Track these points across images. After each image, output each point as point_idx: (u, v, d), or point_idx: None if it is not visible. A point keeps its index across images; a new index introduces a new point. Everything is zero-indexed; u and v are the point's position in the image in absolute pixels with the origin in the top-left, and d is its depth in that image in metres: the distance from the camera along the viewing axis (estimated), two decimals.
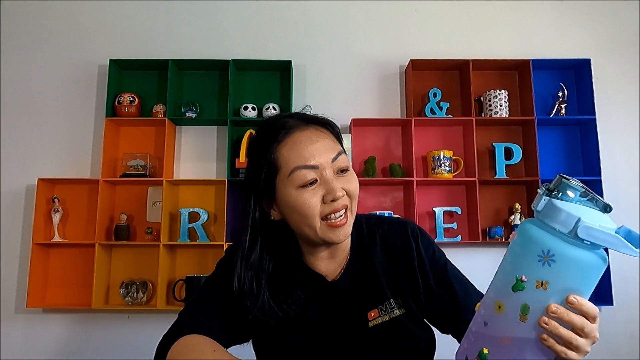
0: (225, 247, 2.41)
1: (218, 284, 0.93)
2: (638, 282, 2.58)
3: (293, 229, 0.89)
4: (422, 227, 1.01)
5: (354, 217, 0.89)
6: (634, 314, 2.55)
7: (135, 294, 2.42)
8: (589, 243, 0.53)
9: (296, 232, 0.90)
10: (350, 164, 0.94)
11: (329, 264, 0.94)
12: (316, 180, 0.83)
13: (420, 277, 0.92)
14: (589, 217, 0.54)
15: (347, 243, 0.95)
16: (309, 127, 0.87)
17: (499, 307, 0.58)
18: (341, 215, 0.84)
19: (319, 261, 0.93)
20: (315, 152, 0.84)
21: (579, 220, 0.53)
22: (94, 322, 2.50)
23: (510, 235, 0.64)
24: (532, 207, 0.58)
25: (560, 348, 0.58)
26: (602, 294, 2.48)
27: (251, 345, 0.97)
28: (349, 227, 0.86)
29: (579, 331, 0.58)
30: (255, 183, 0.88)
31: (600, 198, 0.55)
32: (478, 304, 0.64)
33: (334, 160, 0.85)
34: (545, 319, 0.56)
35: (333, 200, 0.83)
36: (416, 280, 0.91)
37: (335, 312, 0.91)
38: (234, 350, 0.84)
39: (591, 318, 0.58)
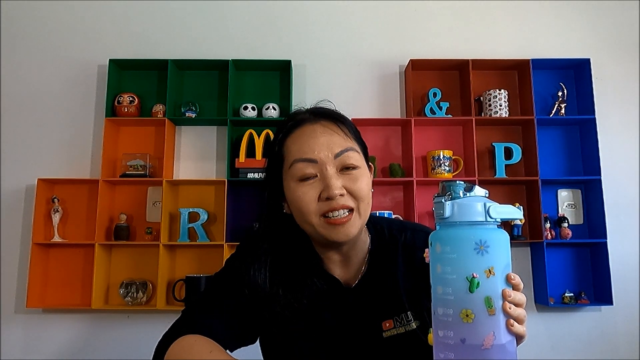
0: (225, 247, 2.41)
1: (225, 282, 0.90)
2: (638, 282, 2.58)
3: (299, 225, 0.86)
4: None
5: (364, 219, 0.84)
6: (634, 314, 2.55)
7: (135, 294, 2.42)
8: (499, 220, 0.61)
9: (303, 229, 0.86)
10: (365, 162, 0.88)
11: (345, 270, 0.91)
12: (315, 175, 0.81)
13: None
14: (482, 200, 0.61)
15: (362, 248, 0.92)
16: (318, 122, 0.85)
17: (467, 315, 0.58)
18: (343, 214, 0.80)
19: (334, 265, 0.91)
20: (316, 146, 0.82)
21: (485, 204, 0.60)
22: (94, 322, 2.50)
23: (425, 255, 0.65)
24: (437, 217, 0.62)
25: (522, 328, 0.60)
26: (602, 294, 2.48)
27: (258, 346, 0.95)
28: (352, 228, 0.82)
29: (522, 306, 0.61)
30: (267, 175, 0.88)
31: (467, 182, 0.63)
32: (430, 335, 0.63)
33: (337, 156, 0.82)
34: (508, 304, 0.58)
35: (329, 198, 0.80)
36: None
37: (349, 319, 0.88)
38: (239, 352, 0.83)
39: (521, 289, 0.62)
